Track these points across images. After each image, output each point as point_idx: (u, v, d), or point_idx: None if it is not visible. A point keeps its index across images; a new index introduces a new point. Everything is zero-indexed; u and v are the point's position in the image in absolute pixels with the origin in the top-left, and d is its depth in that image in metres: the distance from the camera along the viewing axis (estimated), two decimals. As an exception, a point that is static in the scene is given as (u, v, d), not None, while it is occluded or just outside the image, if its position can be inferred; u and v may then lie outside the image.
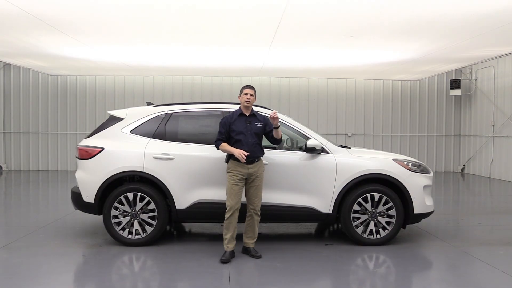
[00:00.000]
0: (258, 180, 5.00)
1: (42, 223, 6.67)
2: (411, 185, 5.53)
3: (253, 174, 4.96)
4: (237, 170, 4.91)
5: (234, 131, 4.97)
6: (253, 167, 4.95)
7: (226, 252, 4.94)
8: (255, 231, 5.09)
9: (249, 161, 4.91)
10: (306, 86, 14.70)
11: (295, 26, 7.57)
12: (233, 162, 4.96)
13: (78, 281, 4.47)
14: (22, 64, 12.71)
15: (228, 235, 4.94)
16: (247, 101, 5.01)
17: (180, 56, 10.64)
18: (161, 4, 6.41)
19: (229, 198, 4.93)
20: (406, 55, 10.07)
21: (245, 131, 4.95)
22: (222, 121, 5.07)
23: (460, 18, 6.94)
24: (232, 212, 4.91)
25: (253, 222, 5.04)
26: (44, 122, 14.37)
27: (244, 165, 4.91)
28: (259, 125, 5.04)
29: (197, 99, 14.19)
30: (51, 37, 8.46)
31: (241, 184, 4.95)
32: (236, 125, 4.98)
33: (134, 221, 5.41)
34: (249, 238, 5.10)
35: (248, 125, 4.99)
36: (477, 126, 13.90)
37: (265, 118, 5.16)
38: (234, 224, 4.95)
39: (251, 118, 5.05)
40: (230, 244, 4.96)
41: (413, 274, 4.75)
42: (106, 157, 5.47)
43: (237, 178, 4.91)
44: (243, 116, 5.05)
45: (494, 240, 6.00)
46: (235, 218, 4.94)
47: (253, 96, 5.05)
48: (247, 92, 5.02)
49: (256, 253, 5.05)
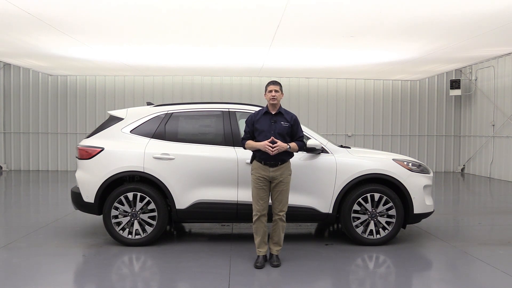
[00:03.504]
0: (282, 185, 4.66)
1: (42, 223, 6.67)
2: (411, 185, 5.53)
3: (276, 178, 4.64)
4: (259, 173, 4.65)
5: (257, 130, 4.67)
6: (276, 171, 4.64)
7: (259, 257, 4.74)
8: (280, 237, 4.78)
9: (272, 164, 4.63)
10: (306, 86, 14.70)
11: (295, 26, 7.57)
12: (255, 163, 4.71)
13: (78, 281, 4.47)
14: (22, 64, 12.71)
15: (257, 239, 4.75)
16: (272, 98, 4.65)
17: (180, 56, 10.64)
18: (161, 4, 6.41)
19: (254, 202, 4.72)
20: (406, 55, 10.07)
21: (269, 131, 4.63)
22: (247, 120, 4.81)
23: (460, 18, 6.94)
24: (258, 217, 4.70)
25: (277, 227, 4.75)
26: (44, 122, 14.37)
27: (266, 167, 4.63)
28: (285, 125, 4.67)
29: (197, 99, 14.19)
30: (51, 37, 8.46)
31: (265, 188, 4.66)
32: (260, 123, 4.67)
33: (134, 221, 5.41)
34: (274, 245, 4.81)
35: (273, 124, 4.65)
36: (477, 126, 13.90)
37: (294, 118, 4.78)
38: (262, 228, 4.72)
39: (277, 117, 4.69)
40: (260, 248, 4.76)
41: (413, 274, 4.75)
42: (106, 157, 5.47)
43: (260, 181, 4.65)
44: (268, 115, 4.72)
45: (494, 240, 6.00)
46: (261, 222, 4.72)
47: (278, 92, 4.67)
48: (271, 89, 4.68)
49: (274, 262, 4.74)
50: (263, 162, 4.66)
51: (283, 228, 4.81)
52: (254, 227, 4.77)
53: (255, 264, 4.72)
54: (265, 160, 4.64)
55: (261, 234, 4.74)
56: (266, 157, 4.63)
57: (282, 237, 4.83)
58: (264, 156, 4.64)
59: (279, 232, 4.78)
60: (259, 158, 4.68)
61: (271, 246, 4.85)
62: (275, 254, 4.82)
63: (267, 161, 4.64)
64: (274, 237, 4.82)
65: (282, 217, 4.75)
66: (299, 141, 4.78)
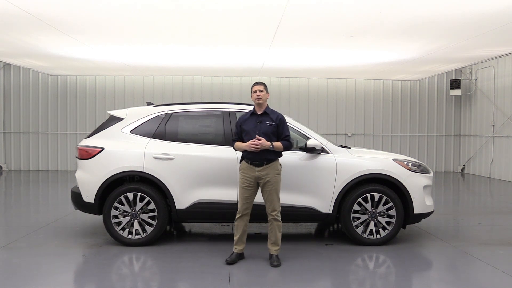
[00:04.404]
0: (270, 185, 4.71)
1: (42, 223, 6.66)
2: (411, 185, 5.53)
3: (263, 178, 4.71)
4: (246, 173, 4.75)
5: (244, 131, 4.79)
6: (262, 170, 4.71)
7: (233, 254, 4.87)
8: (277, 236, 4.80)
9: (257, 163, 4.71)
10: (306, 86, 14.70)
11: (295, 26, 7.57)
12: (243, 163, 4.81)
13: (78, 281, 4.47)
14: (22, 64, 12.71)
15: (236, 236, 4.87)
16: (257, 98, 4.76)
17: (180, 56, 10.64)
18: (161, 4, 6.41)
19: (239, 201, 4.83)
20: (406, 55, 10.07)
21: (254, 131, 4.71)
22: (236, 121, 4.97)
23: (460, 18, 6.94)
24: (239, 216, 4.82)
25: (273, 227, 4.79)
26: (44, 122, 14.37)
27: (252, 167, 4.71)
28: (271, 125, 4.75)
29: (197, 99, 14.19)
30: (51, 37, 8.46)
31: (251, 188, 4.76)
32: (247, 124, 4.79)
33: (134, 221, 5.41)
34: (272, 245, 4.83)
35: (259, 125, 4.74)
36: (477, 126, 13.90)
37: (280, 117, 4.84)
38: (242, 227, 4.83)
39: (263, 117, 4.79)
40: (237, 245, 4.87)
41: (413, 274, 4.75)
42: (106, 157, 5.47)
43: (246, 181, 4.74)
44: (254, 115, 4.83)
45: (494, 240, 6.00)
46: (243, 221, 4.82)
47: (263, 92, 4.77)
48: (256, 89, 4.79)
49: (274, 261, 4.74)
50: (249, 162, 4.76)
51: (279, 227, 4.83)
52: (235, 224, 4.89)
53: (226, 259, 4.83)
54: (251, 160, 4.74)
55: (240, 232, 4.85)
56: (252, 157, 4.73)
57: (279, 236, 4.84)
58: (250, 156, 4.74)
59: (275, 231, 4.81)
60: (246, 158, 4.79)
61: (269, 247, 4.87)
62: (275, 254, 4.83)
63: (253, 161, 4.74)
64: (271, 237, 4.85)
65: (275, 217, 4.78)
66: (285, 140, 4.80)
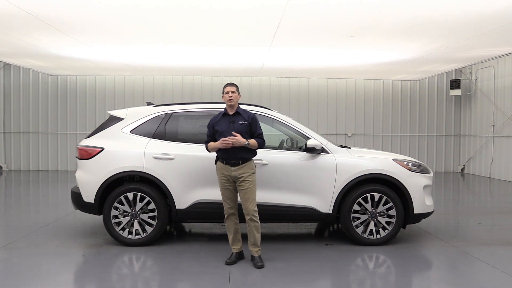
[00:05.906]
0: (246, 183, 4.69)
1: (42, 223, 6.67)
2: (411, 185, 5.53)
3: (239, 178, 4.70)
4: (222, 173, 4.76)
5: (217, 132, 4.77)
6: (237, 170, 4.69)
7: (232, 254, 4.87)
8: (256, 238, 4.75)
9: (233, 163, 4.70)
10: (306, 86, 14.70)
11: (295, 26, 7.57)
12: (219, 163, 4.82)
13: (78, 281, 4.47)
14: (22, 64, 12.71)
15: (230, 237, 4.91)
16: (229, 99, 4.74)
17: (180, 56, 10.64)
18: (161, 4, 6.41)
19: (223, 202, 4.86)
20: (406, 55, 10.06)
21: (227, 131, 4.69)
22: (208, 123, 4.92)
23: (460, 18, 6.94)
24: (227, 216, 4.86)
25: (250, 228, 4.75)
26: (44, 122, 14.37)
27: (228, 167, 4.71)
28: (243, 124, 4.74)
29: (197, 99, 14.19)
30: (51, 37, 8.46)
31: (230, 187, 4.77)
32: (220, 125, 4.78)
33: (134, 221, 5.41)
34: (252, 246, 4.80)
35: (231, 125, 4.73)
36: (477, 126, 13.90)
37: (252, 116, 4.83)
38: (233, 226, 4.87)
39: (235, 117, 4.78)
40: (234, 245, 4.89)
41: (413, 274, 4.75)
42: (106, 157, 5.47)
43: (224, 181, 4.77)
44: (226, 116, 4.82)
45: (494, 240, 5.99)
46: (231, 221, 4.86)
47: (235, 93, 4.76)
48: (228, 90, 4.76)
49: (257, 263, 4.71)
50: (224, 162, 4.75)
51: (257, 228, 4.76)
52: (226, 226, 4.93)
53: (226, 260, 4.84)
54: (226, 160, 4.73)
55: (232, 232, 4.88)
56: (226, 157, 4.73)
57: (258, 237, 4.79)
58: (225, 156, 4.74)
59: (254, 233, 4.76)
60: (221, 158, 4.78)
61: (250, 248, 4.84)
62: (257, 255, 4.79)
63: (228, 161, 4.73)
64: (250, 239, 4.81)
65: (252, 217, 4.72)
66: (259, 138, 4.81)
